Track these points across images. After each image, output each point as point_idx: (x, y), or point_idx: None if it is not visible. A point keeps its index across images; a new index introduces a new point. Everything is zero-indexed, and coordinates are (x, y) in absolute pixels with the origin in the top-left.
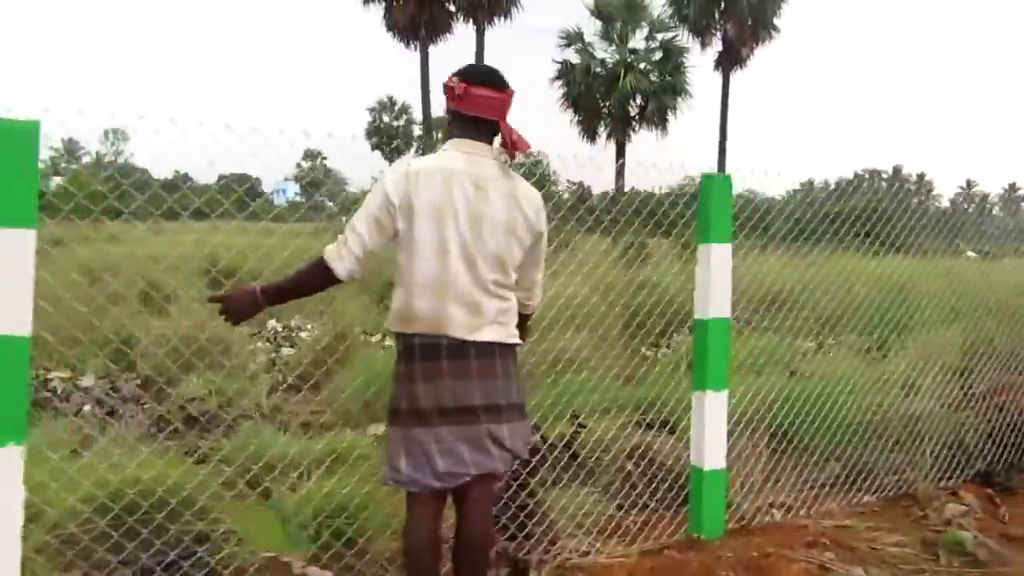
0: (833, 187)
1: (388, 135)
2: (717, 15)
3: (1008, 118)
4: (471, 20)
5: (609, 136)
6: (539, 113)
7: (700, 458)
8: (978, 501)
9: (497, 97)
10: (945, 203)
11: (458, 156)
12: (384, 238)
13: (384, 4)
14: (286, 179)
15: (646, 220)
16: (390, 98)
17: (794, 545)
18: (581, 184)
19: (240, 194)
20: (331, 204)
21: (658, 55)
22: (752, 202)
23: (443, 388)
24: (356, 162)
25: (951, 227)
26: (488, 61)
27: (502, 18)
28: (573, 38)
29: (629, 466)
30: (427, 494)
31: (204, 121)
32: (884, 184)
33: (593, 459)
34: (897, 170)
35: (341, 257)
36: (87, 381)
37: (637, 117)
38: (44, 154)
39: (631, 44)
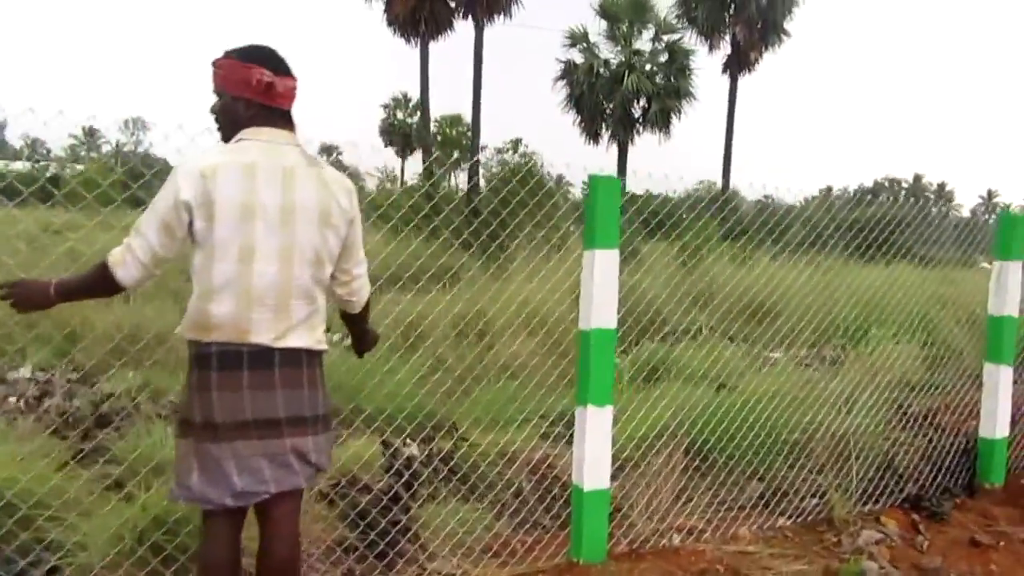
0: (851, 195)
1: (403, 131)
2: (726, 18)
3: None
4: (470, 16)
5: (611, 138)
6: (541, 113)
7: (580, 477)
8: (899, 528)
9: (295, 86)
10: (965, 213)
11: (258, 147)
12: (176, 242)
13: None
14: None
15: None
16: (404, 95)
17: (684, 572)
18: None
19: None
20: None
21: (663, 57)
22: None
23: (242, 400)
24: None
25: (964, 238)
26: (490, 59)
27: (501, 15)
28: (578, 38)
29: (523, 481)
30: (224, 510)
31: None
32: (904, 193)
33: (492, 474)
34: (917, 179)
35: (124, 263)
36: (22, 373)
37: (640, 119)
38: (64, 142)
39: (637, 45)
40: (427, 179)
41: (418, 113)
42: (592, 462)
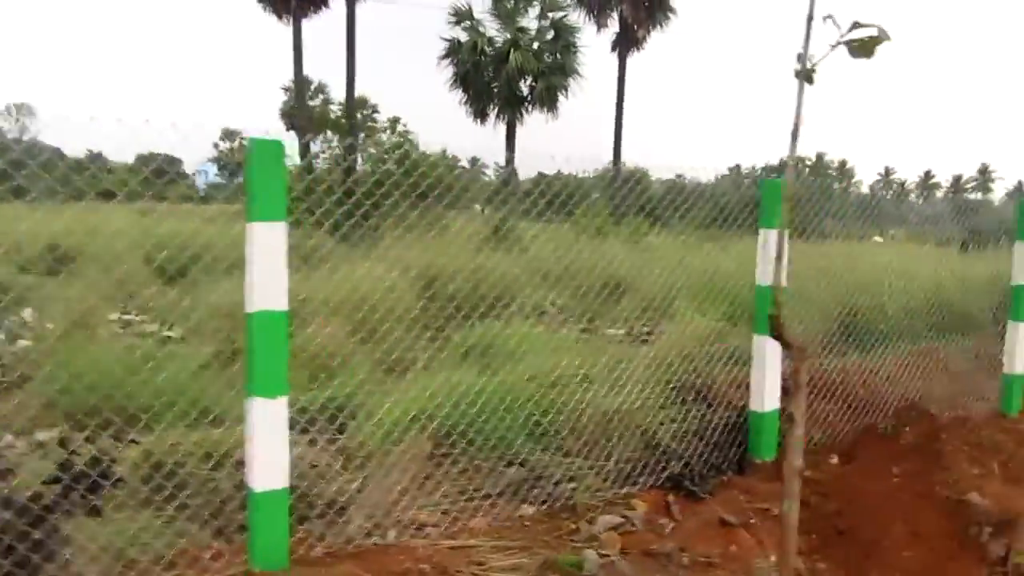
0: (760, 173)
1: (306, 115)
2: None
3: (925, 107)
4: None
5: (498, 116)
6: (433, 92)
7: (251, 478)
8: (649, 510)
9: None
10: (865, 189)
11: None
12: None
13: None
14: (209, 160)
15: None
16: (306, 77)
17: (380, 574)
18: (509, 164)
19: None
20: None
21: (550, 35)
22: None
23: None
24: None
25: (859, 214)
26: (366, 37)
27: None
28: (462, 15)
29: (235, 482)
30: None
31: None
32: (807, 171)
33: (200, 474)
34: (820, 157)
35: None
36: None
37: (528, 98)
38: None
39: (524, 23)
40: (304, 161)
41: (320, 96)
42: (264, 461)
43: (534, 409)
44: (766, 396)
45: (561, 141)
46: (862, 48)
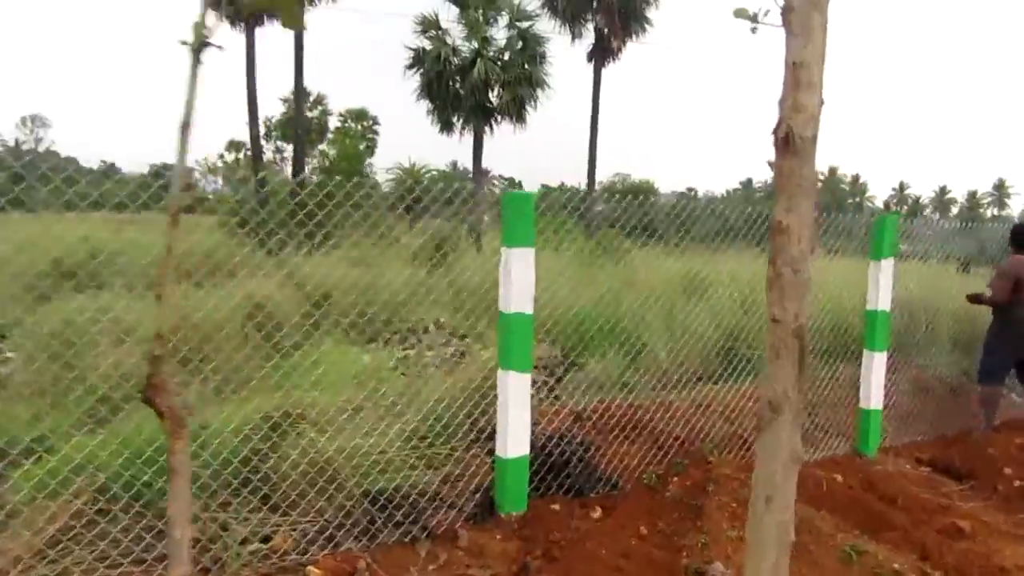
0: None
1: (304, 126)
2: (592, 5)
3: (942, 121)
4: None
5: (464, 126)
6: (396, 101)
7: None
8: None
9: None
10: (879, 204)
11: None
12: None
13: None
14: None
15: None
16: (305, 88)
17: None
18: (512, 180)
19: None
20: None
21: (518, 45)
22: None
23: None
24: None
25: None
26: (315, 44)
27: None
28: (429, 24)
29: None
30: None
31: None
32: (820, 184)
33: None
34: (832, 171)
35: None
36: None
37: (498, 108)
38: None
39: (492, 33)
40: (253, 173)
41: (318, 107)
42: None
43: (231, 456)
44: (509, 439)
45: (536, 151)
46: (288, 19)
